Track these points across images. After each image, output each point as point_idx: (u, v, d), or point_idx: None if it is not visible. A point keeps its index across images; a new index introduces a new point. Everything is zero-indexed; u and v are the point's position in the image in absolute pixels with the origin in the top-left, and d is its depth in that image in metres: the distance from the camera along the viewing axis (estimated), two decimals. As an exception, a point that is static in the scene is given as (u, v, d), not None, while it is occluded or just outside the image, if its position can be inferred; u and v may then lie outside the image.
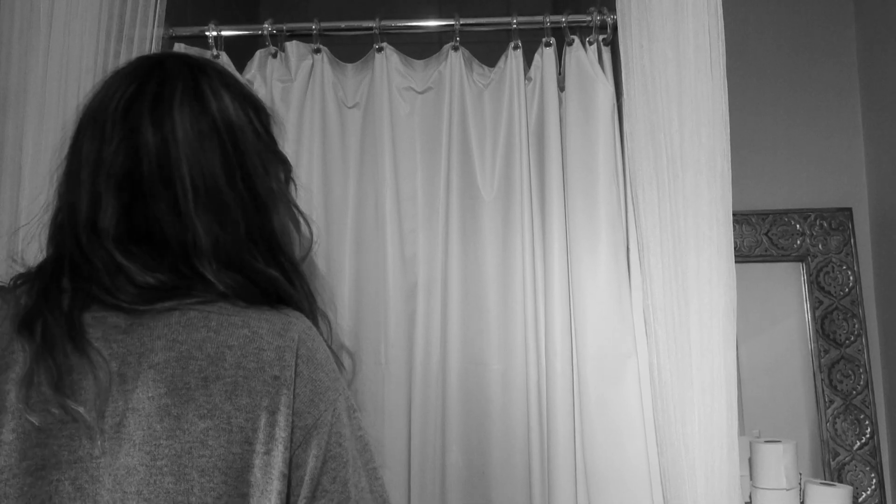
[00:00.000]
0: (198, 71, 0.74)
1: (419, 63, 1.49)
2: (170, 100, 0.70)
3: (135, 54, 1.30)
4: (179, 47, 1.46)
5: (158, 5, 1.34)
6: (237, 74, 0.73)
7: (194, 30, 1.48)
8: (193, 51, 1.46)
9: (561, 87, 1.45)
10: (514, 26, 1.44)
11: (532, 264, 1.39)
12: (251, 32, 1.50)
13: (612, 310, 1.36)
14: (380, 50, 1.45)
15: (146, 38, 1.32)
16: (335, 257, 1.42)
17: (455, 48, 1.45)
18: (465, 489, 1.34)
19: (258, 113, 0.77)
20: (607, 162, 1.39)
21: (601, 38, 1.44)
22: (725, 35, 1.25)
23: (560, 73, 1.46)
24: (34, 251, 0.72)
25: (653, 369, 1.24)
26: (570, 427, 1.33)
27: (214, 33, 1.45)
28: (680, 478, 1.18)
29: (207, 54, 1.47)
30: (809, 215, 1.60)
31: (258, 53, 1.49)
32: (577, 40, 1.44)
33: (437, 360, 1.38)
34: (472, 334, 1.39)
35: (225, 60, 1.46)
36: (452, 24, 1.43)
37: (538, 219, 1.41)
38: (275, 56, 1.47)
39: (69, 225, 0.69)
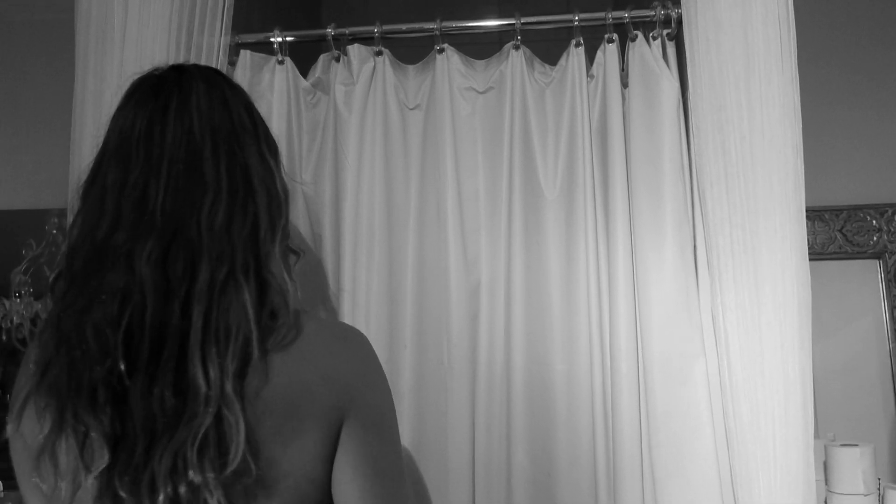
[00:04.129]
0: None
1: (480, 63, 1.49)
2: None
3: (203, 62, 1.34)
4: (245, 55, 1.49)
5: (225, 14, 1.37)
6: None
7: (259, 36, 1.51)
8: (253, 59, 1.50)
9: (624, 84, 1.42)
10: (576, 23, 1.42)
11: (596, 263, 1.37)
12: (313, 37, 1.52)
13: (680, 309, 1.33)
14: (440, 51, 1.46)
15: (214, 47, 1.36)
16: (398, 258, 1.43)
17: (516, 47, 1.44)
18: (531, 490, 1.33)
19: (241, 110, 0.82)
20: (673, 158, 1.36)
21: (665, 32, 1.42)
22: (796, 23, 1.21)
23: (623, 70, 1.44)
24: None
25: (723, 371, 1.21)
26: (637, 428, 1.31)
27: (279, 39, 1.48)
28: (754, 482, 1.16)
29: (272, 60, 1.50)
30: (886, 210, 1.54)
31: (321, 58, 1.51)
32: (640, 35, 1.42)
33: (501, 360, 1.37)
34: (535, 334, 1.38)
35: (289, 66, 1.49)
36: (513, 24, 1.43)
37: (602, 217, 1.39)
38: (338, 60, 1.49)
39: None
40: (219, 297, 0.69)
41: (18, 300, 2.00)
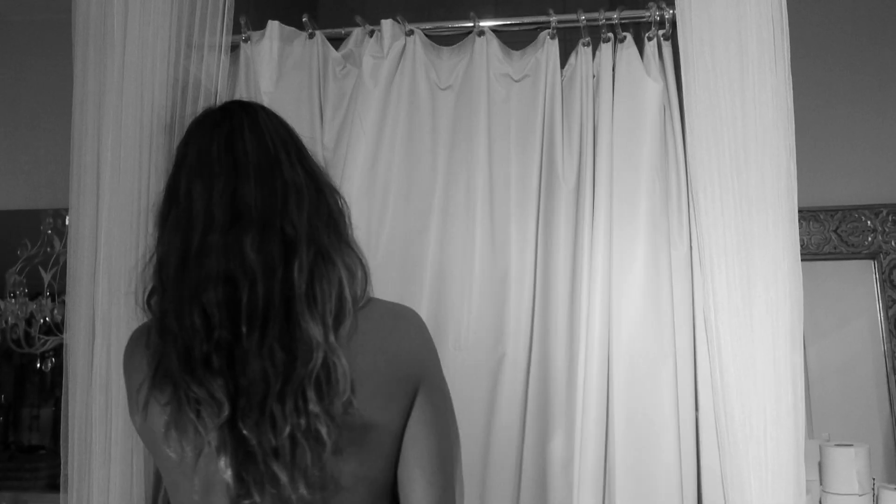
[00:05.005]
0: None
1: (516, 53, 1.50)
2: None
3: (205, 62, 1.35)
4: (273, 25, 1.52)
5: (226, 15, 1.38)
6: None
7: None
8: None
9: (614, 84, 1.43)
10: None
11: (572, 262, 1.38)
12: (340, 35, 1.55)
13: (650, 309, 1.32)
14: (481, 34, 1.47)
15: (214, 46, 1.37)
16: (415, 236, 1.42)
17: (552, 37, 1.46)
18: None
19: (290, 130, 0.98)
20: (652, 158, 1.37)
21: (660, 33, 1.43)
22: (792, 22, 1.22)
23: (614, 70, 1.45)
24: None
25: (714, 370, 1.22)
26: (602, 428, 1.30)
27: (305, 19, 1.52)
28: (745, 482, 1.16)
29: (303, 35, 1.51)
30: (881, 211, 1.55)
31: (355, 31, 1.53)
32: (628, 37, 1.43)
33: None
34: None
35: (319, 39, 1.52)
36: (550, 21, 1.45)
37: (588, 216, 1.39)
38: (371, 35, 1.51)
39: None
40: (315, 269, 0.85)
41: (13, 300, 2.00)
